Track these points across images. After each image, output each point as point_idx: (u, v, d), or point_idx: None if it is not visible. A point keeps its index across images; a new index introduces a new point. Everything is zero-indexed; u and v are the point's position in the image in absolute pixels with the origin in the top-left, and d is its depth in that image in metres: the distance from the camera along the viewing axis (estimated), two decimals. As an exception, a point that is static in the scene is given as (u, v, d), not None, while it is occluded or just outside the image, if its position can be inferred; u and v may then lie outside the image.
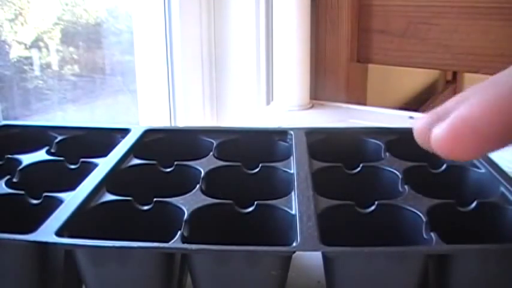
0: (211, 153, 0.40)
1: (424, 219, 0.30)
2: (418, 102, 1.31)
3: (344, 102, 0.88)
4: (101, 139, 0.44)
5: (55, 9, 0.72)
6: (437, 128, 0.23)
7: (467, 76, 1.52)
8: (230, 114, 0.88)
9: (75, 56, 0.76)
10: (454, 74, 1.54)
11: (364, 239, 0.30)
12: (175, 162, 0.38)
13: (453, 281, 0.27)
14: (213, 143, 0.42)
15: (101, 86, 0.81)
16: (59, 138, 0.43)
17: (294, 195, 0.33)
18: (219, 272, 0.27)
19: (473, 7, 0.78)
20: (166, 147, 0.43)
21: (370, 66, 0.95)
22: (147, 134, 0.43)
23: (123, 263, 0.28)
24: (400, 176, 0.36)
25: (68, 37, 0.74)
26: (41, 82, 0.71)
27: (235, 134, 0.43)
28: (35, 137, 0.44)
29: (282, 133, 0.43)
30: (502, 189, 0.33)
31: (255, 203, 0.32)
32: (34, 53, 0.70)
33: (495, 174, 0.35)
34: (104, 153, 0.39)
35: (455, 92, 1.56)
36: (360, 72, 0.93)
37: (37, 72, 0.71)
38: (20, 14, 0.67)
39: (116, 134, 0.44)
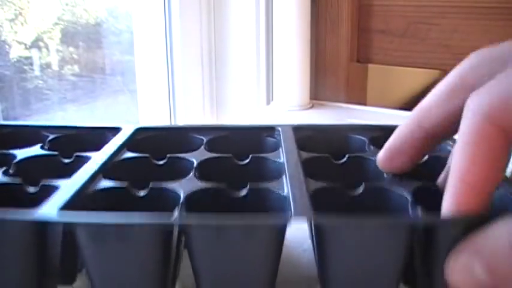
0: (202, 147, 0.41)
1: (409, 199, 0.31)
2: (418, 102, 1.30)
3: (344, 102, 0.88)
4: (93, 137, 0.44)
5: (55, 9, 0.72)
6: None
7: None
8: (230, 114, 0.88)
9: (75, 56, 0.76)
10: (454, 74, 1.54)
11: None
12: (168, 155, 0.39)
13: (437, 251, 0.28)
14: (203, 140, 0.42)
15: (101, 86, 0.81)
16: (51, 136, 0.44)
17: (285, 179, 0.34)
18: (218, 246, 0.28)
19: (473, 7, 0.78)
20: (157, 144, 0.43)
21: (370, 66, 0.95)
22: (138, 133, 0.44)
23: (124, 239, 0.28)
24: None
25: (68, 37, 0.74)
26: (41, 82, 0.71)
27: (224, 131, 0.44)
28: (27, 136, 0.44)
29: (270, 129, 0.44)
30: None
31: (248, 186, 0.33)
32: (34, 53, 0.70)
33: None
34: (97, 150, 0.40)
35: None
36: (360, 72, 0.93)
37: (37, 72, 0.71)
38: (20, 14, 0.68)
39: (107, 133, 0.44)
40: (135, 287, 0.29)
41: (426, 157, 0.38)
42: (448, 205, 0.26)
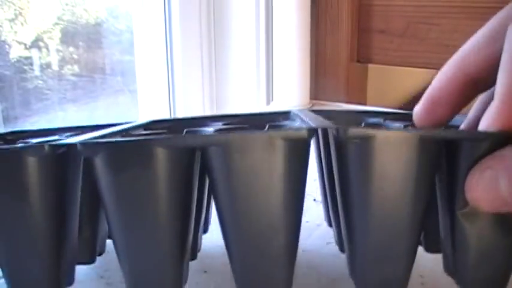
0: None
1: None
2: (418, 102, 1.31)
3: (344, 102, 0.88)
4: None
5: (55, 9, 0.72)
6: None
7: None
8: (230, 114, 0.88)
9: (75, 56, 0.76)
10: (454, 74, 1.54)
11: None
12: (186, 129, 0.37)
13: (464, 164, 0.25)
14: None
15: (101, 86, 0.81)
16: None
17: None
18: (240, 161, 0.26)
19: (473, 7, 0.78)
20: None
21: (370, 66, 0.95)
22: (153, 125, 0.44)
23: (142, 160, 0.26)
24: None
25: (68, 37, 0.74)
26: (41, 82, 0.71)
27: (240, 118, 0.42)
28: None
29: (285, 114, 0.43)
30: None
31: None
32: (34, 53, 0.70)
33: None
34: None
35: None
36: (360, 72, 0.93)
37: (37, 72, 0.71)
38: (20, 14, 0.68)
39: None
40: (153, 216, 0.27)
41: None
42: (485, 123, 0.24)
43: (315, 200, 0.48)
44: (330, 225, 0.37)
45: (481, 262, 0.26)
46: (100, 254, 0.35)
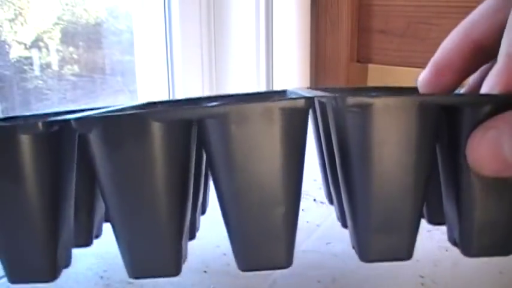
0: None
1: None
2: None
3: (344, 102, 0.88)
4: None
5: (55, 9, 0.72)
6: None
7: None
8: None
9: (75, 56, 0.76)
10: (454, 74, 1.54)
11: None
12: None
13: (466, 131, 0.25)
14: None
15: (101, 86, 0.81)
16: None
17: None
18: (237, 132, 0.26)
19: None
20: None
21: (370, 66, 0.95)
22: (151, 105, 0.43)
23: (137, 133, 0.26)
24: None
25: (68, 37, 0.74)
26: (41, 82, 0.71)
27: (236, 97, 0.43)
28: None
29: (282, 93, 0.43)
30: None
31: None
32: (34, 53, 0.70)
33: None
34: None
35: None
36: (360, 72, 0.93)
37: (37, 72, 0.71)
38: (20, 14, 0.68)
39: None
40: (150, 192, 0.26)
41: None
42: (488, 84, 0.24)
43: (315, 200, 0.48)
44: (331, 202, 0.36)
45: (486, 228, 0.26)
46: (97, 237, 0.35)
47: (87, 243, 0.34)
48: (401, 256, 0.27)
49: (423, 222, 0.30)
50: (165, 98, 0.83)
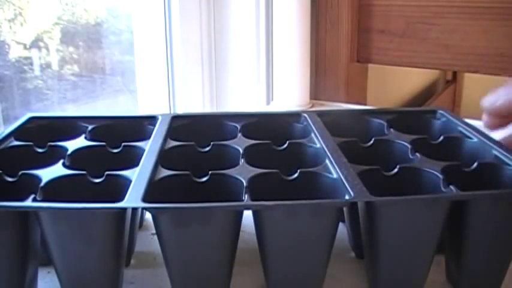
0: (239, 134, 0.45)
1: (441, 176, 0.36)
2: (418, 102, 1.31)
3: (344, 102, 0.88)
4: (131, 126, 0.47)
5: (55, 9, 0.72)
6: None
7: (467, 76, 1.52)
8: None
9: (75, 56, 0.76)
10: (454, 73, 1.54)
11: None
12: (212, 143, 0.43)
13: (470, 224, 0.33)
14: (237, 126, 0.47)
15: (101, 86, 0.81)
16: (91, 126, 0.46)
17: (330, 163, 0.38)
18: (288, 224, 0.32)
19: (473, 7, 0.78)
20: (194, 131, 0.47)
21: (370, 66, 0.95)
22: (174, 121, 0.48)
23: (202, 222, 0.31)
24: (409, 146, 0.42)
25: (68, 37, 0.74)
26: (41, 82, 0.71)
27: (255, 117, 0.49)
28: (65, 127, 0.47)
29: (296, 115, 0.50)
30: (495, 152, 0.40)
31: (298, 170, 0.37)
32: (34, 53, 0.70)
33: (486, 141, 0.42)
34: (137, 138, 0.43)
35: (455, 92, 1.56)
36: (360, 72, 0.93)
37: (37, 72, 0.71)
38: (20, 14, 0.67)
39: (144, 121, 0.48)
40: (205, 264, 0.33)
41: (442, 137, 0.44)
42: None
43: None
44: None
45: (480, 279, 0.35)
46: None
47: None
48: None
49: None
50: (165, 98, 0.83)
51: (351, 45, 0.87)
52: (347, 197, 0.33)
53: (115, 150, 0.42)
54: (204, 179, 0.37)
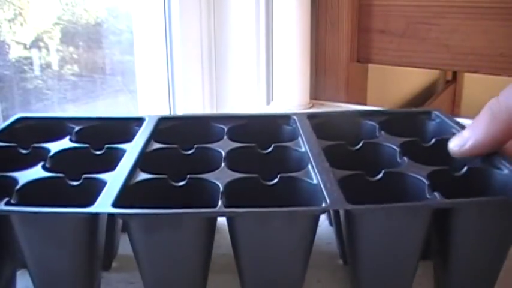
0: (225, 137, 0.44)
1: (426, 182, 0.35)
2: (418, 102, 1.31)
3: (344, 102, 0.88)
4: (118, 128, 0.47)
5: (55, 9, 0.72)
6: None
7: (467, 76, 1.52)
8: (230, 114, 0.88)
9: (75, 56, 0.76)
10: (454, 74, 1.54)
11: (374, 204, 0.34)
12: (196, 145, 0.42)
13: (454, 232, 0.33)
14: (224, 128, 0.46)
15: (101, 86, 0.81)
16: (77, 128, 0.46)
17: (311, 168, 0.37)
18: (260, 233, 0.31)
19: (473, 7, 0.78)
20: (181, 133, 0.47)
21: (370, 66, 0.95)
22: (161, 122, 0.47)
23: (173, 229, 0.31)
24: (397, 150, 0.41)
25: (68, 37, 0.74)
26: (40, 82, 0.71)
27: (243, 119, 0.48)
28: (52, 128, 0.46)
29: (286, 117, 0.49)
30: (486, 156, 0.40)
31: (278, 175, 0.36)
32: (34, 53, 0.70)
33: None
34: (123, 140, 0.43)
35: (455, 92, 1.56)
36: (360, 72, 0.93)
37: (37, 72, 0.71)
38: (20, 14, 0.67)
39: (131, 123, 0.47)
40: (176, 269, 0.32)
41: (433, 140, 0.43)
42: None
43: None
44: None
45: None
46: None
47: None
48: None
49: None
50: (165, 98, 0.83)
51: (351, 45, 0.87)
52: (323, 205, 0.32)
53: (97, 152, 0.41)
54: (182, 183, 0.36)
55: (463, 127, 0.44)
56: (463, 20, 0.79)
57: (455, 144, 0.38)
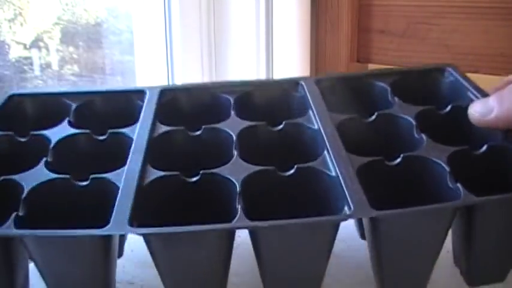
0: (232, 112, 0.41)
1: (447, 169, 0.33)
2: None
3: (344, 102, 0.88)
4: (118, 103, 0.44)
5: (55, 9, 0.72)
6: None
7: (467, 76, 1.52)
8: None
9: (75, 56, 0.76)
10: (454, 74, 1.54)
11: (394, 191, 0.33)
12: (203, 126, 0.40)
13: (477, 229, 0.32)
14: (230, 100, 0.43)
15: (101, 86, 0.81)
16: (75, 105, 0.43)
17: (328, 155, 0.36)
18: (282, 244, 0.31)
19: (473, 7, 0.78)
20: (186, 106, 0.44)
21: (370, 66, 0.95)
22: (164, 95, 0.45)
23: (193, 244, 0.30)
24: (413, 123, 0.39)
25: (68, 37, 0.74)
26: (41, 82, 0.71)
27: (249, 86, 0.45)
28: (49, 106, 0.44)
29: (294, 83, 0.45)
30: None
31: (295, 166, 0.35)
32: (34, 53, 0.70)
33: None
34: (125, 117, 0.41)
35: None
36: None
37: (37, 72, 0.71)
38: (20, 14, 0.68)
39: (132, 96, 0.45)
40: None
41: (449, 107, 0.40)
42: None
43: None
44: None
45: (487, 265, 0.34)
46: None
47: None
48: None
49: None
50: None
51: (351, 45, 0.87)
52: (346, 209, 0.31)
53: (100, 138, 0.39)
54: (195, 179, 0.35)
55: (476, 87, 0.41)
56: (463, 20, 0.79)
57: (477, 111, 0.35)
